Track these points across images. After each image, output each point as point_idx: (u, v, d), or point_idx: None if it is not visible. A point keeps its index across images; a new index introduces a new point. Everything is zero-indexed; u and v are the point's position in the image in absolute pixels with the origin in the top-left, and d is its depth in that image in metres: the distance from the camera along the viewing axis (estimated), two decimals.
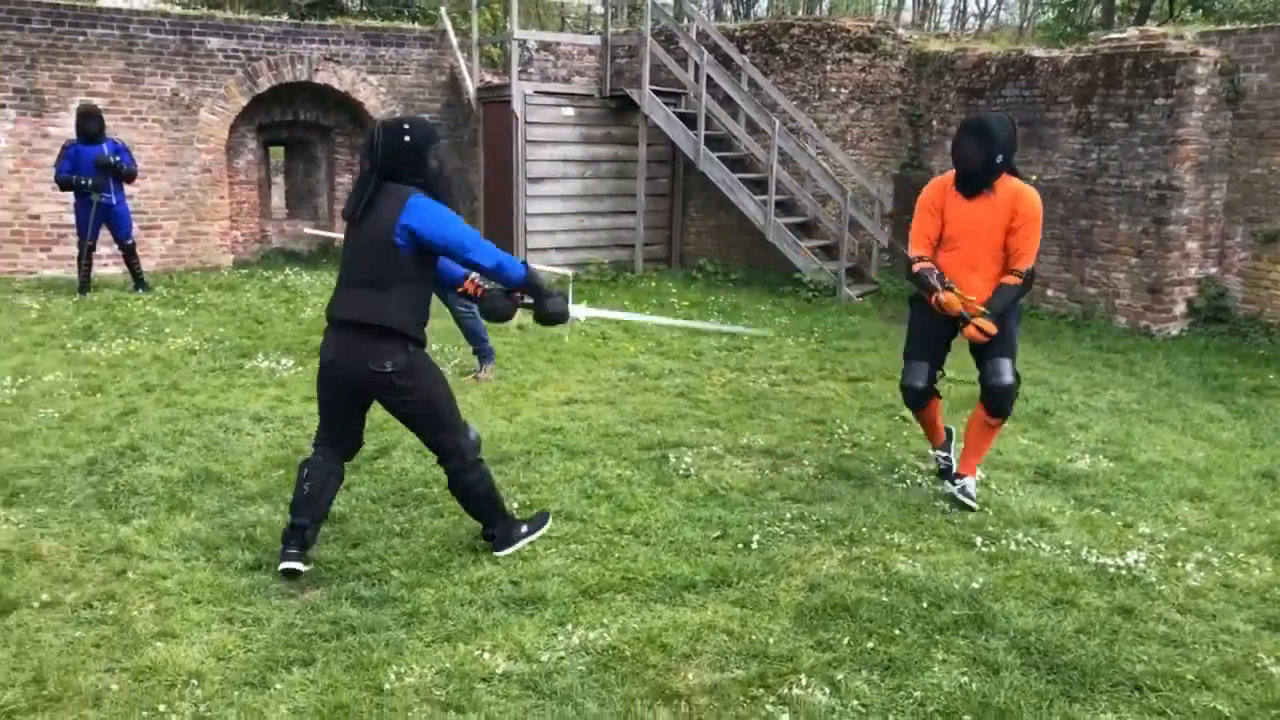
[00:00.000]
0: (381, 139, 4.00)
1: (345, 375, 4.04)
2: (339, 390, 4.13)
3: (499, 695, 3.28)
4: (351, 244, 4.08)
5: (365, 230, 3.99)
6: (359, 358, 3.97)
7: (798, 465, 5.67)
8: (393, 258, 3.95)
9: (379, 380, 4.01)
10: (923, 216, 5.09)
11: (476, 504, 4.36)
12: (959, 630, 3.73)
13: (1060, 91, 10.50)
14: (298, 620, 3.74)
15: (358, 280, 4.01)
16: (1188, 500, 5.26)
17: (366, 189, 4.01)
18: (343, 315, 4.01)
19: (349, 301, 4.02)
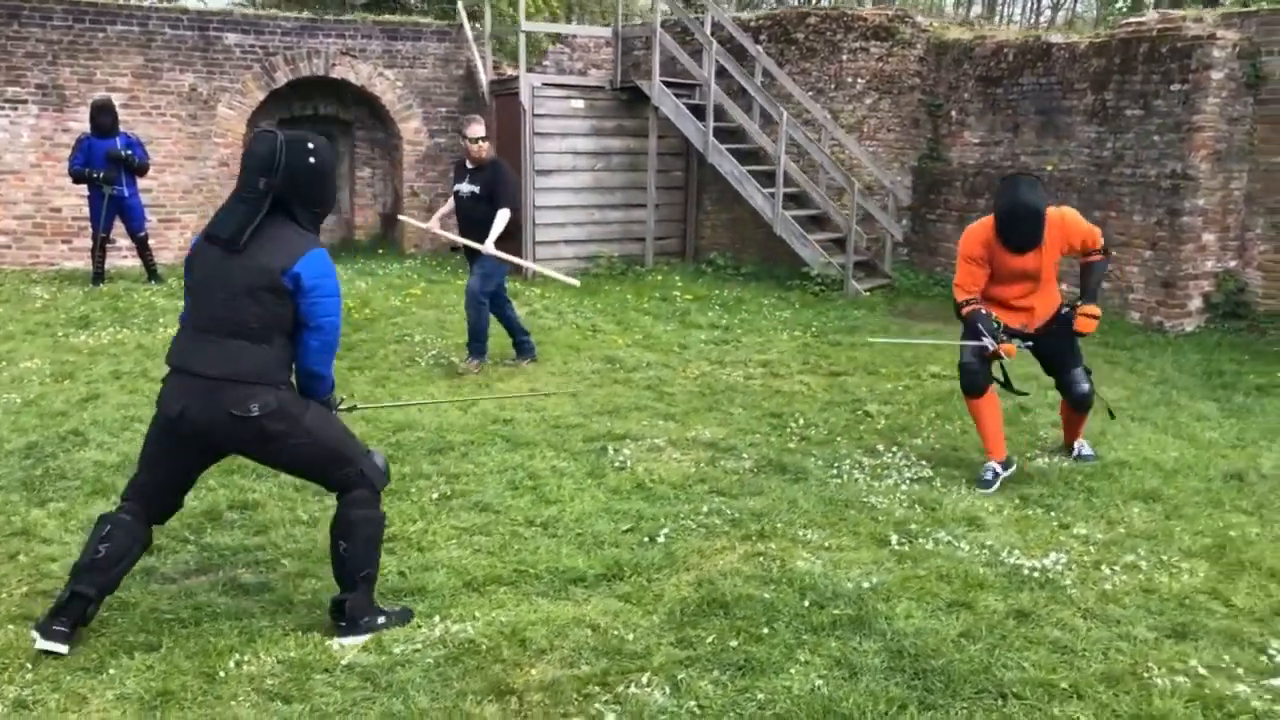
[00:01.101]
0: (285, 156, 3.36)
1: (199, 428, 3.38)
2: (187, 445, 3.48)
3: (333, 686, 3.21)
4: (217, 277, 3.38)
5: (243, 264, 3.35)
6: (218, 405, 3.33)
7: (736, 459, 5.51)
8: (279, 304, 3.37)
9: (244, 430, 3.37)
10: (970, 269, 5.19)
11: (352, 549, 3.54)
12: (835, 631, 3.56)
13: (1077, 78, 10.13)
14: (164, 606, 3.72)
15: (224, 325, 3.36)
16: (1140, 501, 4.99)
17: (257, 212, 3.37)
18: (201, 370, 3.36)
19: (211, 355, 3.36)
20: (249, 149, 3.48)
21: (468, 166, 7.37)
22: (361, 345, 8.19)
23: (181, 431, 3.42)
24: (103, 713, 3.03)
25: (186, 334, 3.46)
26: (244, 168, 3.43)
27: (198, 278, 3.46)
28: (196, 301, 3.46)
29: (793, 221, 11.35)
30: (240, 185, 3.43)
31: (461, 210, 7.41)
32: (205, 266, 3.44)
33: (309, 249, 3.42)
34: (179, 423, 3.39)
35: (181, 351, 3.45)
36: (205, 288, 3.43)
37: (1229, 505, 4.94)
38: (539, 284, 11.20)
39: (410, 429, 5.99)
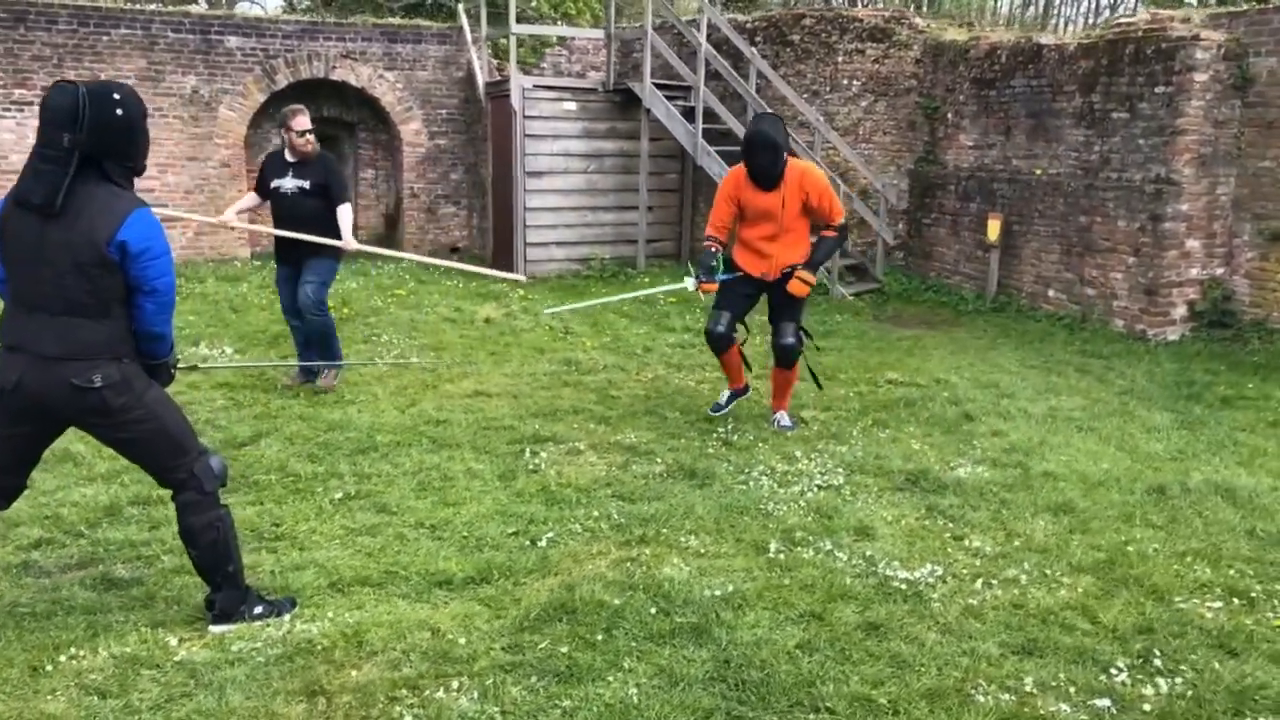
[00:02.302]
0: (89, 109, 3.14)
1: (35, 400, 3.28)
2: (24, 419, 3.34)
3: (156, 682, 3.26)
4: (38, 250, 3.21)
5: (62, 233, 3.19)
6: (57, 376, 3.25)
7: (650, 463, 5.49)
8: (109, 276, 3.25)
9: (85, 401, 3.28)
10: (721, 206, 6.00)
11: (202, 554, 3.55)
12: (672, 639, 3.54)
13: (1066, 80, 9.93)
14: (25, 599, 3.80)
15: (57, 303, 3.24)
16: (1050, 514, 4.89)
17: (65, 172, 3.15)
18: (40, 350, 3.25)
19: (48, 333, 3.24)
20: (47, 103, 3.19)
21: (288, 160, 6.78)
22: None
23: (17, 405, 3.29)
24: None
25: (19, 311, 3.31)
26: (44, 123, 3.19)
27: (14, 246, 3.26)
28: (21, 274, 3.28)
29: None
30: (42, 142, 3.18)
31: (284, 207, 6.76)
32: (22, 235, 3.24)
33: (130, 210, 3.25)
34: (14, 395, 3.27)
35: (17, 330, 3.30)
36: (27, 261, 3.25)
37: (1139, 520, 4.81)
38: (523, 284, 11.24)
39: (342, 429, 6.05)
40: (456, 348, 8.34)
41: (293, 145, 6.74)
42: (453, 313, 9.77)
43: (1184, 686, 3.33)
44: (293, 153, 6.77)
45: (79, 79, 11.57)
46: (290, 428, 6.07)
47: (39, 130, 3.21)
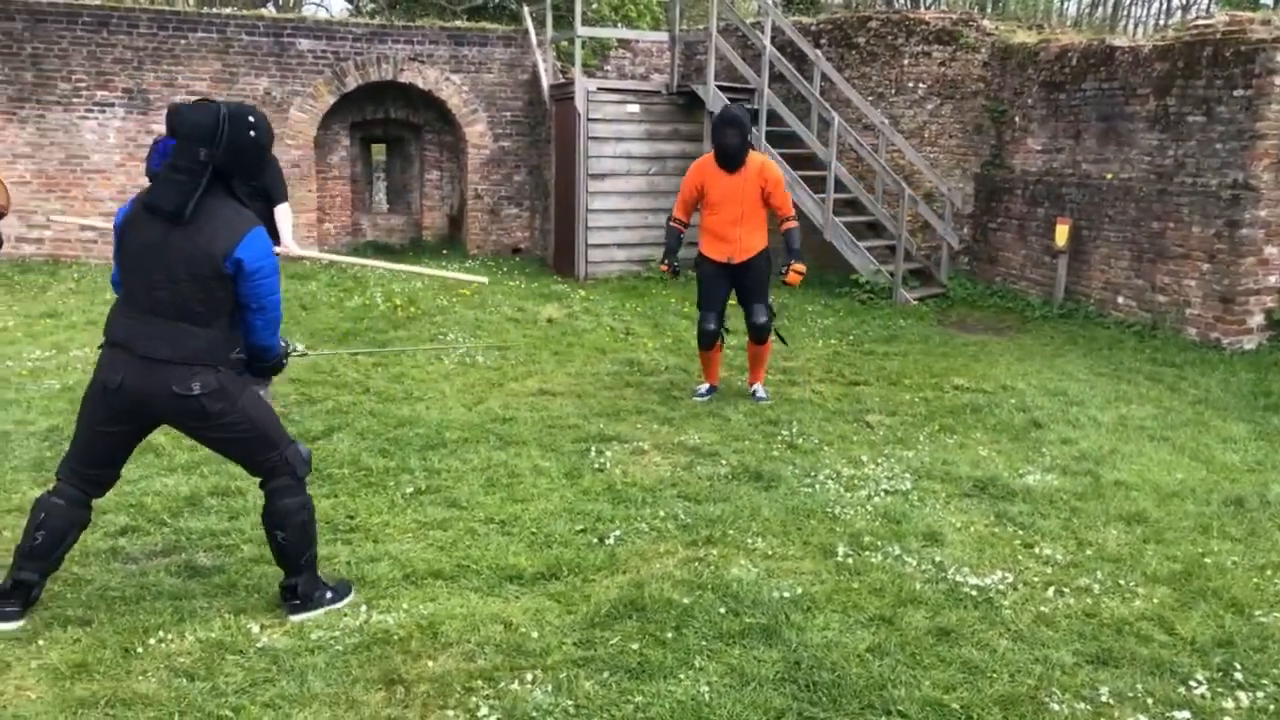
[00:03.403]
0: (228, 129, 3.34)
1: (136, 400, 3.41)
2: (124, 419, 3.49)
3: (240, 667, 3.35)
4: (157, 255, 3.35)
5: (185, 243, 3.34)
6: (159, 381, 3.39)
7: (715, 464, 5.51)
8: (222, 289, 3.41)
9: (184, 406, 3.43)
10: (685, 191, 6.68)
11: (289, 537, 3.66)
12: (742, 639, 3.55)
13: (1139, 83, 9.75)
14: (114, 583, 3.93)
15: (169, 309, 3.37)
16: (1123, 523, 4.82)
17: (198, 185, 3.33)
18: (148, 352, 3.39)
19: (157, 337, 3.38)
20: (185, 117, 3.37)
21: None
22: (394, 342, 8.43)
23: (119, 403, 3.44)
24: (19, 680, 3.24)
25: (130, 311, 3.43)
26: (181, 136, 3.37)
27: (135, 249, 3.41)
28: (136, 278, 3.42)
29: (843, 227, 11.22)
30: (178, 154, 3.35)
31: None
32: (144, 239, 3.39)
33: (248, 229, 3.42)
34: (118, 394, 3.42)
35: (126, 329, 3.43)
36: (145, 265, 3.39)
37: (1217, 531, 4.73)
38: (584, 285, 11.33)
39: (412, 425, 6.16)
40: (520, 347, 8.43)
41: None
42: (516, 313, 9.87)
43: (1266, 700, 3.27)
44: None
45: (156, 84, 11.94)
46: (361, 423, 6.19)
47: (176, 143, 3.40)
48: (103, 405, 3.49)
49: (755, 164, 6.44)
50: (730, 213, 6.47)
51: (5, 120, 11.56)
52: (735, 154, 6.37)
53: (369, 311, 9.69)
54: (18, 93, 11.63)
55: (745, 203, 6.45)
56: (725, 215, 6.49)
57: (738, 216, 6.47)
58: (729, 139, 6.33)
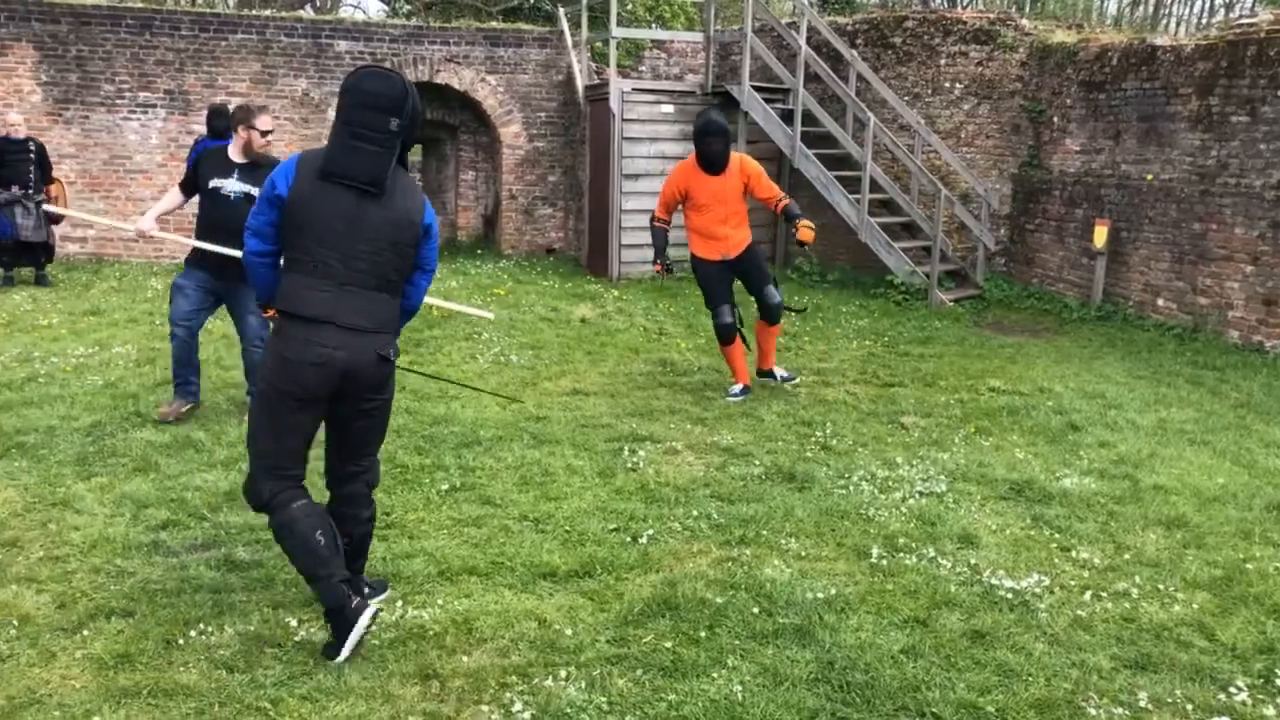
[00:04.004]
0: (410, 99, 3.29)
1: (342, 371, 3.32)
2: (319, 396, 3.36)
3: (278, 660, 3.40)
4: (353, 226, 3.29)
5: (383, 213, 3.31)
6: (366, 347, 3.34)
7: (748, 465, 5.51)
8: (413, 255, 3.43)
9: (380, 373, 3.41)
10: (669, 193, 6.88)
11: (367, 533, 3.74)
12: (775, 639, 3.55)
13: (1181, 83, 9.63)
14: (156, 576, 4.00)
15: (369, 279, 3.33)
16: (1162, 528, 4.76)
17: (393, 155, 3.28)
18: (354, 324, 3.31)
19: (362, 308, 3.32)
20: (367, 88, 3.24)
21: (234, 160, 5.91)
22: (430, 341, 8.49)
23: (321, 380, 3.30)
24: (65, 669, 3.30)
25: (323, 284, 3.29)
26: (364, 106, 3.23)
27: (324, 221, 3.27)
28: (329, 250, 3.28)
29: (878, 228, 11.16)
30: (363, 124, 3.23)
31: (223, 213, 5.76)
32: (333, 210, 3.26)
33: (423, 195, 3.48)
34: (323, 369, 3.29)
35: (325, 303, 3.29)
36: (340, 236, 3.28)
37: (1259, 537, 4.66)
38: (617, 285, 11.35)
39: (447, 423, 6.20)
40: (554, 347, 8.47)
41: (250, 145, 5.87)
42: (550, 313, 9.91)
43: None
44: (245, 152, 5.91)
45: (196, 84, 12.10)
46: (397, 421, 6.22)
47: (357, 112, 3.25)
48: (298, 385, 3.31)
49: (736, 162, 6.71)
50: (717, 213, 6.74)
51: (51, 121, 11.77)
52: (719, 160, 6.64)
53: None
54: (63, 94, 11.84)
55: (730, 201, 6.73)
56: (713, 215, 6.74)
57: (724, 215, 6.74)
58: (714, 147, 6.59)
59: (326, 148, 3.31)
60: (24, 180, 10.10)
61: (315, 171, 3.28)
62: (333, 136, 3.30)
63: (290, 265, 3.37)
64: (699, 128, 6.65)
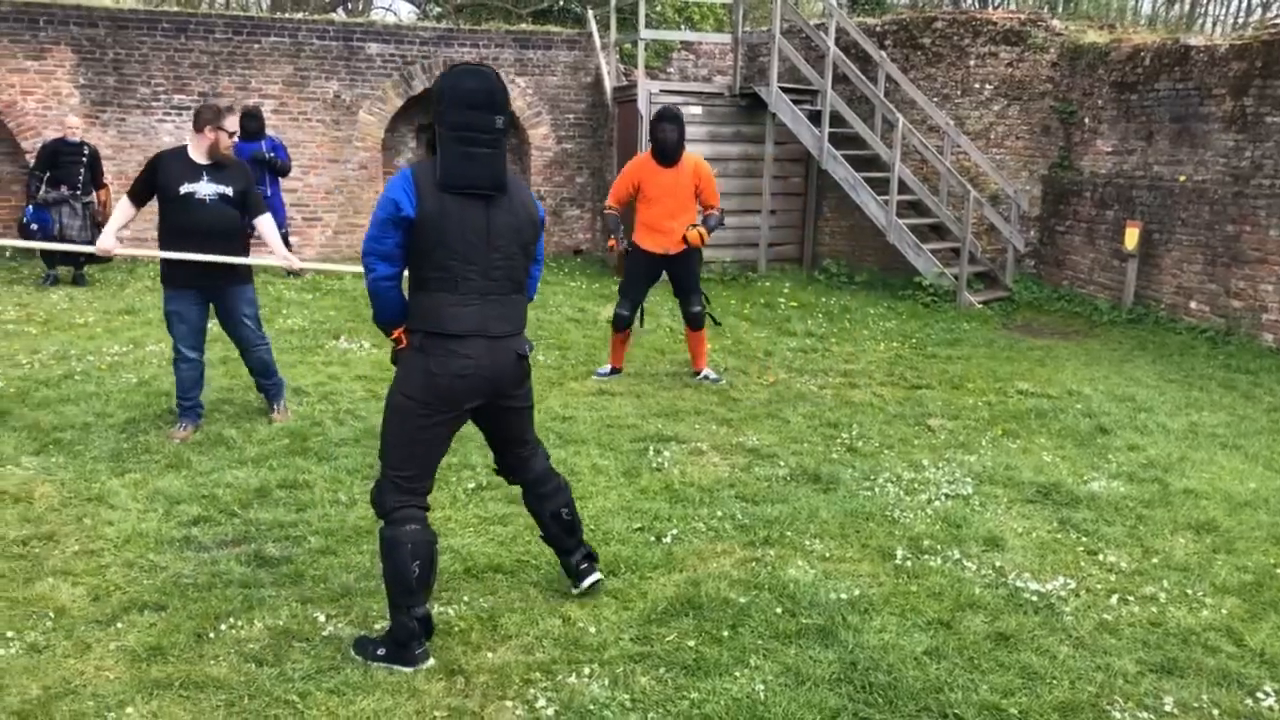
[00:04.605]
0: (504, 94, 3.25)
1: (487, 380, 3.32)
2: (462, 408, 3.35)
3: (306, 654, 3.45)
4: (482, 234, 3.22)
5: (506, 215, 3.26)
6: (506, 351, 3.35)
7: (773, 466, 5.51)
8: (534, 253, 3.44)
9: (520, 370, 3.43)
10: (622, 184, 7.11)
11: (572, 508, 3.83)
12: (798, 639, 3.56)
13: (1215, 83, 9.53)
14: (187, 571, 4.06)
15: (505, 284, 3.31)
16: (1192, 532, 4.72)
17: (502, 155, 3.24)
18: (498, 331, 3.31)
19: (503, 315, 3.32)
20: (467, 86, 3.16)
21: (199, 162, 5.61)
22: None
23: (464, 391, 3.30)
24: (99, 660, 3.37)
25: (466, 299, 3.25)
26: (471, 106, 3.16)
27: (456, 233, 3.20)
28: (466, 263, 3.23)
29: (906, 230, 11.12)
30: (471, 126, 3.16)
31: (199, 218, 5.57)
32: (464, 221, 3.20)
33: (526, 189, 3.44)
34: (466, 381, 3.28)
35: (469, 317, 3.25)
36: (476, 246, 3.22)
37: None
38: None
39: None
40: (580, 347, 8.50)
41: (216, 145, 5.64)
42: (576, 313, 9.95)
43: None
44: (209, 154, 5.64)
45: (230, 87, 12.25)
46: None
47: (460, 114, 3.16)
48: (444, 399, 3.29)
49: (690, 162, 6.90)
50: (666, 207, 6.93)
51: (89, 124, 11.94)
52: (673, 149, 6.84)
53: None
54: (100, 97, 12.02)
55: (680, 197, 6.92)
56: (661, 209, 6.94)
57: (673, 210, 6.94)
58: (668, 134, 6.79)
59: (440, 159, 3.18)
60: (74, 182, 10.36)
61: (435, 185, 3.17)
62: (442, 145, 3.18)
63: (425, 284, 3.27)
64: (655, 114, 6.94)
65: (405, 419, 3.32)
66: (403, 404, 3.32)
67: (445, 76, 3.23)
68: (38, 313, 9.07)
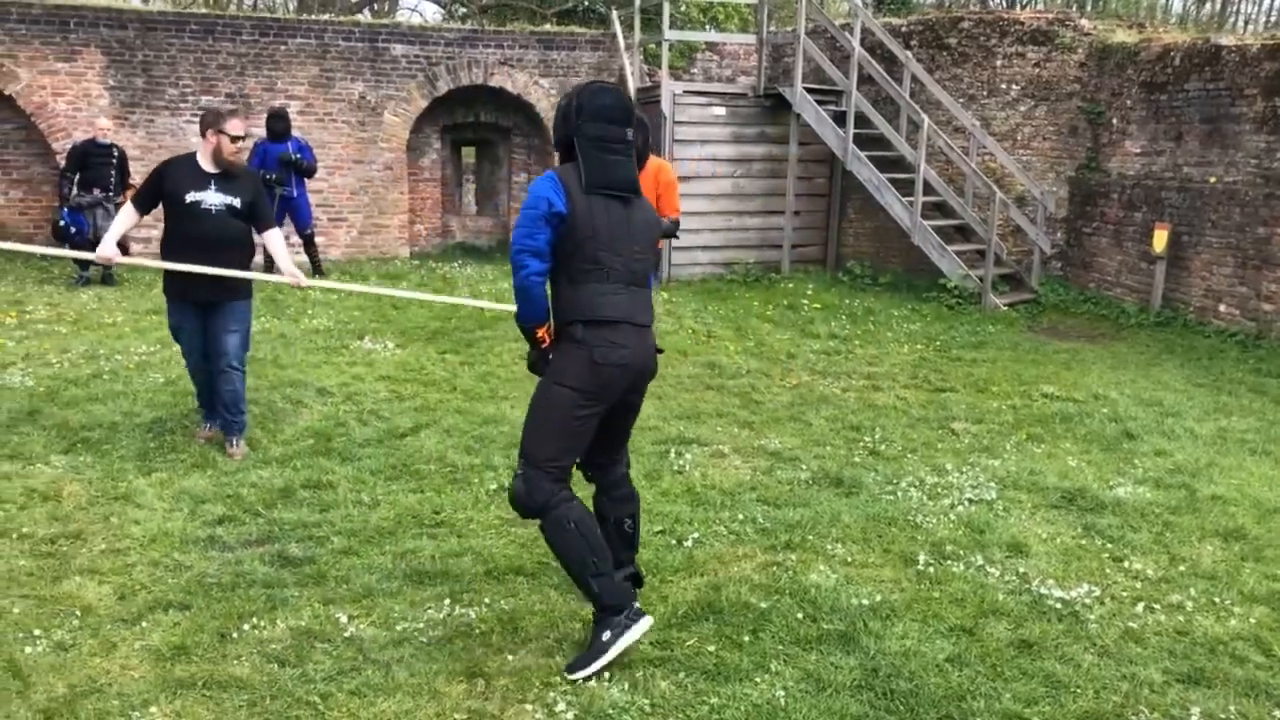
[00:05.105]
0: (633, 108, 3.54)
1: (638, 371, 3.51)
2: (614, 396, 3.49)
3: (328, 655, 3.47)
4: (625, 230, 3.45)
5: (639, 214, 3.52)
6: (648, 342, 3.54)
7: (795, 469, 5.49)
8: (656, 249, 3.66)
9: (655, 364, 3.61)
10: None
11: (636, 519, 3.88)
12: (819, 645, 3.55)
13: (1247, 84, 9.42)
14: (212, 570, 4.10)
15: (640, 276, 3.52)
16: (1219, 539, 4.67)
17: (633, 163, 3.51)
18: (642, 320, 3.50)
19: (642, 305, 3.51)
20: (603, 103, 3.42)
21: (207, 170, 5.38)
22: (481, 343, 8.57)
23: (621, 378, 3.44)
24: (124, 659, 3.40)
25: (612, 288, 3.42)
26: (608, 121, 3.42)
27: (604, 229, 3.40)
28: (613, 255, 3.42)
29: (931, 231, 11.06)
30: (609, 137, 3.42)
31: (205, 228, 5.33)
32: (610, 219, 3.42)
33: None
34: (623, 370, 3.43)
35: (620, 305, 3.43)
36: (620, 241, 3.43)
37: None
38: (667, 287, 11.36)
39: (496, 423, 6.26)
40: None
41: (221, 152, 5.36)
42: None
43: None
44: (216, 162, 5.38)
45: (256, 88, 12.34)
46: (448, 420, 6.32)
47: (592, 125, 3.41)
48: (601, 387, 3.42)
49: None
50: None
51: (118, 125, 12.05)
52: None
53: (457, 310, 9.87)
54: (129, 98, 12.14)
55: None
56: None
57: None
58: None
59: (583, 164, 3.41)
60: (105, 184, 10.50)
61: (579, 186, 3.40)
62: (583, 153, 3.42)
63: (578, 276, 3.42)
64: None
65: (566, 410, 3.42)
66: (564, 395, 3.42)
67: (582, 94, 3.46)
68: (68, 312, 9.18)
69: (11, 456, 5.42)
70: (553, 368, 3.49)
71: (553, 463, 3.44)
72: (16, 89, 11.75)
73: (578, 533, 3.39)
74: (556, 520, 3.40)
